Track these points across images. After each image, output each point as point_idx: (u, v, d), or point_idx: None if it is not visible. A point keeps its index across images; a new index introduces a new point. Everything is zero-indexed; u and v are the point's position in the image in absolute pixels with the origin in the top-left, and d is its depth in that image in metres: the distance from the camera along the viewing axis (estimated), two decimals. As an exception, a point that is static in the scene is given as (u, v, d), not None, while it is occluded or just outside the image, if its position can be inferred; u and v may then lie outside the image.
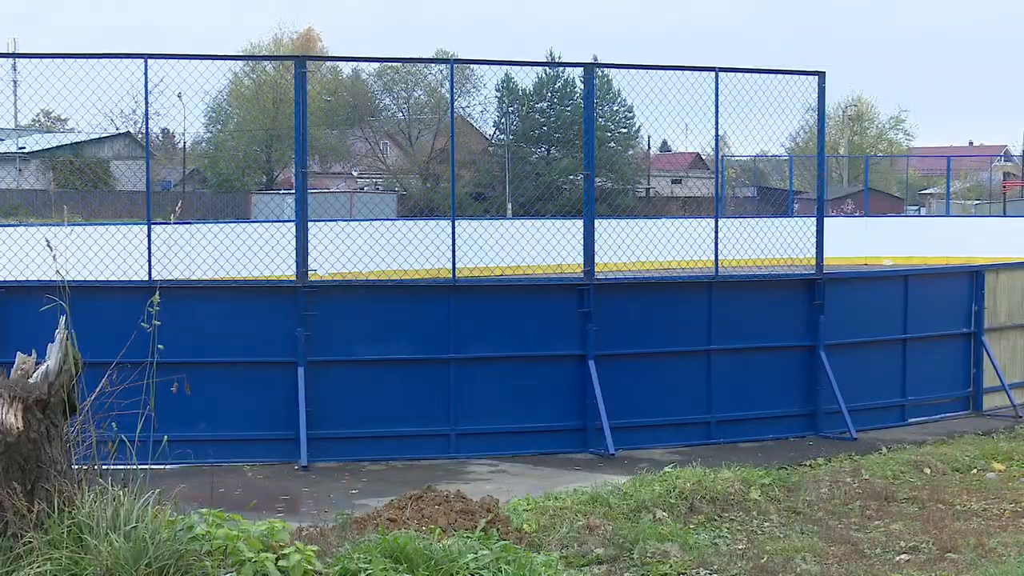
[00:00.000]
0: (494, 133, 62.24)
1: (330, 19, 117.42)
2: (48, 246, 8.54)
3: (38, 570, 6.43)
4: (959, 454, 12.55)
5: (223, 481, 11.15)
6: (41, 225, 22.05)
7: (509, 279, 15.38)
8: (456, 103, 21.16)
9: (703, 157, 54.47)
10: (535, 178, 54.74)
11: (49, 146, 59.48)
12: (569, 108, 56.64)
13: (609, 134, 54.29)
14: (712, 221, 14.38)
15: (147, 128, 15.39)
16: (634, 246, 15.61)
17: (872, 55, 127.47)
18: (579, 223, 13.78)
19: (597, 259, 13.49)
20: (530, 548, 8.30)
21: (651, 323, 13.77)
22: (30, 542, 6.56)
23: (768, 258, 15.01)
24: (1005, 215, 47.89)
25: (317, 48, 73.50)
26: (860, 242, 31.46)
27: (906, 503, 10.64)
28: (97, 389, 7.21)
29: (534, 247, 16.31)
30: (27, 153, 56.40)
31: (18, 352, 7.13)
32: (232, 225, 28.48)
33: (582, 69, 14.40)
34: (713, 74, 13.81)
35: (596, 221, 13.65)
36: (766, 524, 9.88)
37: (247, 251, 14.77)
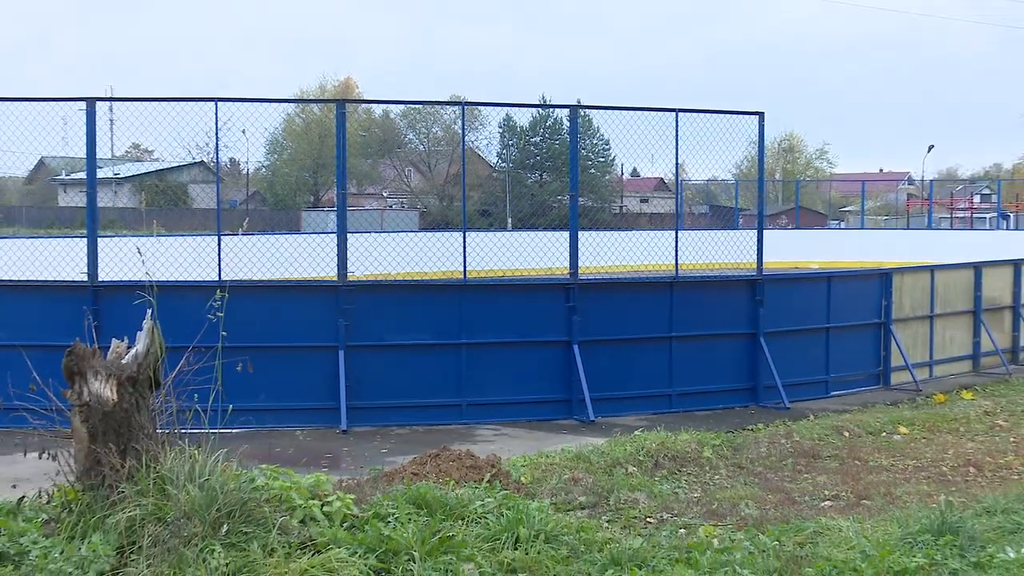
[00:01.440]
0: (497, 162, 61.84)
1: (365, 68, 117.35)
2: (139, 253, 8.62)
3: (129, 514, 6.45)
4: (871, 420, 12.62)
5: (278, 442, 11.31)
6: (133, 236, 22.02)
7: (509, 279, 15.32)
8: (466, 138, 21.16)
9: (665, 181, 54.32)
10: (530, 198, 54.66)
11: (139, 172, 59.25)
12: (558, 142, 56.36)
13: (590, 162, 54.09)
14: (673, 233, 14.41)
15: (217, 158, 15.55)
16: (610, 253, 15.53)
17: (802, 98, 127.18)
18: (566, 234, 13.81)
19: (580, 263, 13.51)
20: (526, 496, 8.26)
21: (624, 315, 13.78)
22: (123, 491, 6.61)
23: (718, 262, 15.04)
24: (908, 228, 47.78)
25: (354, 92, 72.89)
26: (792, 249, 31.33)
27: (829, 460, 10.71)
28: (177, 368, 7.24)
29: (529, 253, 16.40)
30: (121, 178, 56.08)
31: (113, 338, 7.17)
32: (286, 236, 28.57)
33: (568, 110, 14.44)
34: (674, 114, 13.83)
35: (579, 233, 13.67)
36: (716, 477, 9.92)
37: (298, 257, 14.89)
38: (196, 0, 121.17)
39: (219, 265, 12.57)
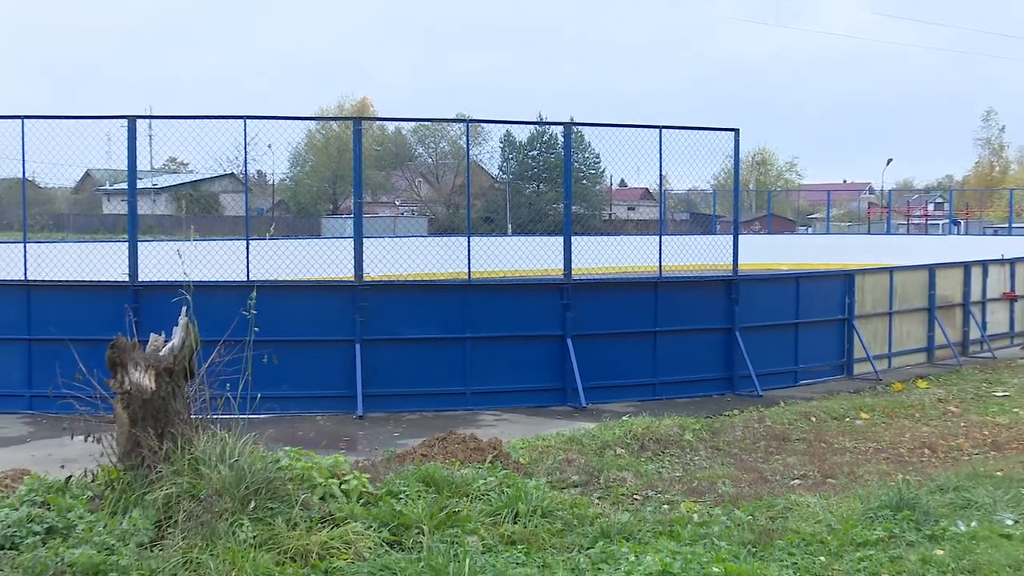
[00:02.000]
0: (498, 173, 61.81)
1: (380, 89, 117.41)
2: (179, 255, 8.67)
3: (166, 492, 6.47)
4: (836, 407, 12.60)
5: (301, 427, 11.29)
6: (169, 240, 22.08)
7: (509, 280, 15.39)
8: (470, 152, 21.19)
9: (650, 191, 54.15)
10: (528, 206, 54.61)
11: (175, 183, 59.19)
12: (553, 155, 56.27)
13: (582, 173, 53.90)
14: (657, 238, 14.36)
15: (246, 170, 15.50)
16: (600, 256, 15.62)
17: (774, 115, 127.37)
18: (560, 239, 13.76)
19: (573, 265, 13.48)
20: (524, 476, 8.29)
21: (613, 311, 13.74)
22: (160, 471, 6.62)
23: (698, 264, 15.03)
24: (869, 233, 47.77)
25: (370, 111, 72.83)
26: (764, 253, 31.32)
27: (798, 442, 10.69)
28: (209, 360, 7.22)
29: (528, 256, 16.27)
30: (159, 188, 56.10)
31: (152, 333, 7.19)
32: (307, 241, 28.61)
33: (562, 127, 14.44)
34: (658, 130, 13.78)
35: (572, 238, 13.65)
36: (696, 458, 9.92)
37: (318, 260, 14.86)
38: (226, 31, 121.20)
39: (247, 266, 12.56)
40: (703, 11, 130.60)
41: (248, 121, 12.66)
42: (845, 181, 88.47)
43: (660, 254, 14.10)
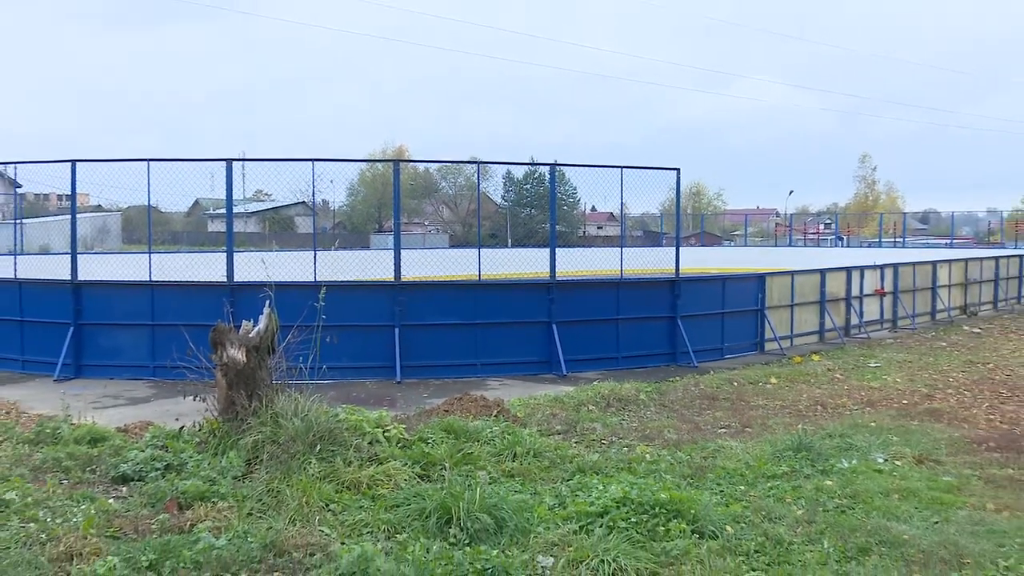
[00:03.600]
0: (501, 201, 61.85)
1: (413, 136, 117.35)
2: (263, 263, 8.75)
3: (254, 438, 6.50)
4: (752, 374, 12.59)
5: (354, 390, 11.26)
6: (257, 251, 22.08)
7: (510, 280, 15.29)
8: (480, 185, 21.14)
9: (614, 214, 54.13)
10: (523, 226, 54.58)
11: (261, 208, 59.25)
12: (542, 188, 56.16)
13: (563, 201, 53.81)
14: (619, 249, 14.27)
15: (314, 199, 15.44)
16: (576, 262, 15.62)
17: (706, 158, 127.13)
18: (547, 250, 13.72)
19: (557, 269, 13.39)
20: (521, 426, 8.30)
21: (586, 303, 13.66)
22: (249, 423, 6.66)
23: (649, 268, 14.99)
24: (776, 246, 47.67)
25: (405, 154, 72.64)
26: (698, 260, 31.32)
27: (724, 401, 10.67)
28: (286, 340, 7.23)
29: (523, 262, 16.26)
30: (249, 212, 56.18)
31: (243, 320, 7.20)
32: (359, 251, 28.51)
33: (548, 167, 14.34)
34: (619, 170, 13.64)
35: (556, 249, 13.55)
36: (648, 413, 9.89)
37: (368, 265, 14.75)
38: (299, 95, 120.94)
39: (314, 270, 12.50)
40: (654, 80, 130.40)
41: (315, 163, 12.66)
42: (758, 207, 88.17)
43: (621, 261, 14.01)
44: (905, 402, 10.56)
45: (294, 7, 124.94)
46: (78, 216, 13.63)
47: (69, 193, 12.78)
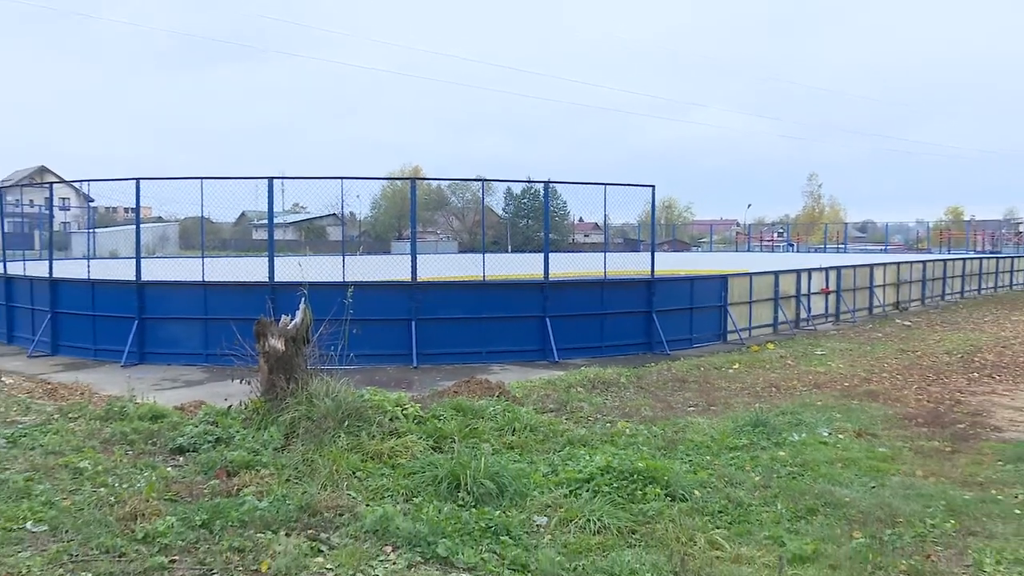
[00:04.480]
0: (502, 213, 61.82)
1: (427, 156, 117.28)
2: (299, 265, 8.73)
3: (291, 415, 6.46)
4: (717, 361, 12.54)
5: (377, 374, 11.17)
6: (294, 256, 22.08)
7: (510, 280, 15.26)
8: (484, 200, 21.15)
9: (598, 224, 54.08)
10: (521, 234, 54.55)
11: (298, 219, 59.21)
12: (537, 202, 56.13)
13: (555, 213, 53.77)
14: (603, 254, 14.26)
15: (343, 211, 15.46)
16: (567, 265, 15.55)
17: (679, 177, 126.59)
18: (541, 255, 13.69)
19: (550, 271, 13.38)
20: (519, 404, 8.28)
21: (575, 300, 13.61)
22: (287, 402, 6.62)
23: (628, 269, 14.98)
24: (737, 251, 47.63)
25: (420, 173, 72.55)
26: (671, 263, 31.25)
27: (692, 383, 10.63)
28: (319, 331, 7.20)
29: (521, 265, 16.29)
30: (288, 223, 56.13)
31: (283, 315, 7.14)
32: (382, 256, 28.48)
33: (543, 184, 14.44)
34: (603, 187, 13.67)
35: (549, 254, 13.55)
36: (627, 394, 9.84)
37: (389, 268, 14.74)
38: (330, 124, 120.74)
39: (343, 272, 12.50)
40: (632, 110, 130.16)
41: (344, 181, 12.70)
42: (721, 218, 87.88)
43: (605, 264, 13.98)
44: (847, 384, 10.55)
45: (326, 48, 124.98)
46: (142, 226, 13.68)
47: (134, 206, 12.78)
